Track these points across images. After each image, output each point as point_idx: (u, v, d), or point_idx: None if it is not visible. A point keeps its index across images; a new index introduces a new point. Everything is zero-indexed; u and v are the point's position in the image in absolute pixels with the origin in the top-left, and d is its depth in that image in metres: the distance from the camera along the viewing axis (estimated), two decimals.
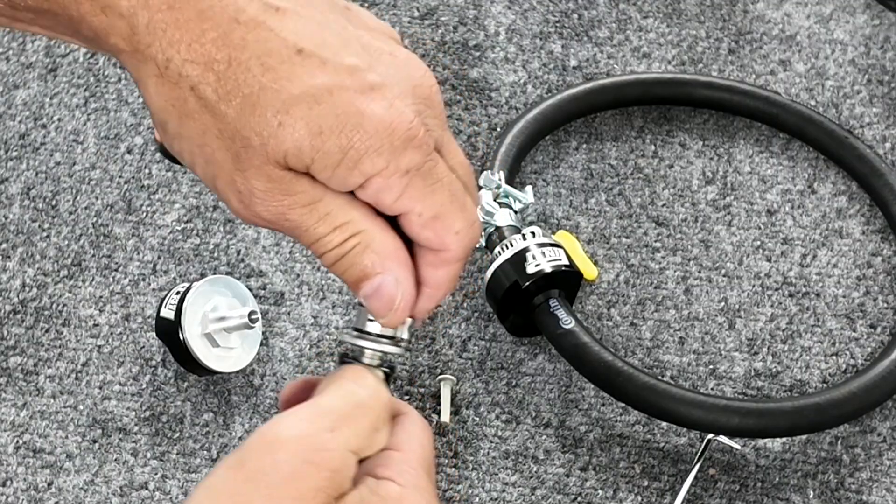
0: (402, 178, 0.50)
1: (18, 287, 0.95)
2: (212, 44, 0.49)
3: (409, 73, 0.52)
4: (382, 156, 0.49)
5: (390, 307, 0.52)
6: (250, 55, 0.49)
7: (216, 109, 0.49)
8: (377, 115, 0.49)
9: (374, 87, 0.50)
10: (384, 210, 0.52)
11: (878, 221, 1.05)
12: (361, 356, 0.54)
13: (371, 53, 0.51)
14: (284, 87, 0.49)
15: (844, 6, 1.21)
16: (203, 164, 0.51)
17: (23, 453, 0.87)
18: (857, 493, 0.89)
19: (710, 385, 0.95)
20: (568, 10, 1.18)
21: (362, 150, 0.49)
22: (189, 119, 0.50)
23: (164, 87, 0.50)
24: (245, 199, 0.51)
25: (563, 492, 0.88)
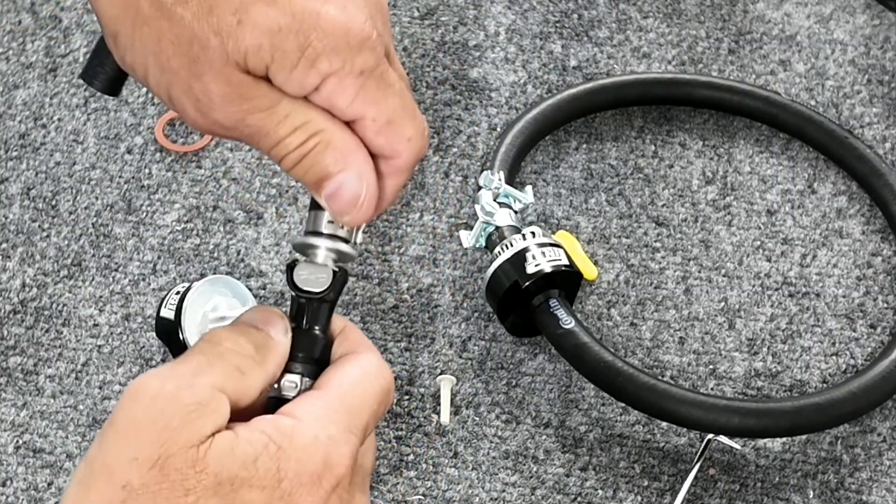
0: (356, 79, 0.50)
1: (18, 287, 0.95)
2: None
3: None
4: (339, 55, 0.50)
5: (354, 204, 0.53)
6: None
7: (172, 13, 0.49)
8: (332, 16, 0.50)
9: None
10: (339, 114, 0.51)
11: (878, 221, 1.05)
12: (315, 256, 0.54)
13: None
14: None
15: (844, 6, 1.21)
16: (157, 74, 0.51)
17: (23, 453, 0.87)
18: (857, 493, 0.89)
19: (710, 385, 0.95)
20: (568, 10, 1.18)
21: (319, 49, 0.49)
22: (143, 26, 0.50)
23: (148, 27, 0.50)
24: (203, 106, 0.50)
25: (563, 492, 0.88)
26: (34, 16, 1.13)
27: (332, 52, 0.50)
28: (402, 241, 1.00)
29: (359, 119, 0.52)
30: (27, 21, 1.13)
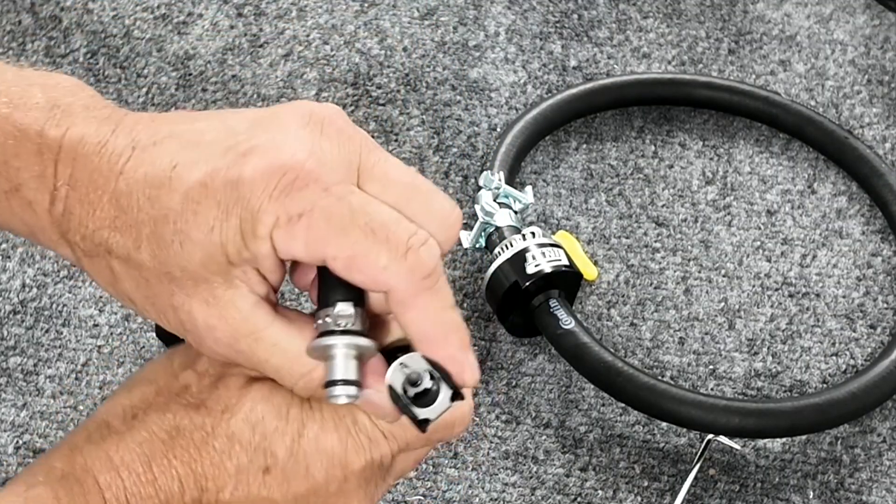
0: (298, 224, 0.47)
1: (18, 287, 0.95)
2: (108, 203, 0.49)
3: (294, 111, 0.50)
4: (270, 209, 0.47)
5: (386, 412, 0.50)
6: (138, 195, 0.49)
7: (134, 261, 0.50)
8: (249, 175, 0.47)
9: (247, 152, 0.48)
10: (310, 262, 0.49)
11: (877, 222, 1.05)
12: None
13: (251, 126, 0.49)
14: (168, 207, 0.48)
15: (844, 6, 1.21)
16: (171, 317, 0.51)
17: (23, 453, 0.87)
18: (857, 493, 0.89)
19: (709, 385, 0.95)
20: (568, 10, 1.18)
21: (253, 212, 0.47)
22: (122, 283, 0.51)
23: (93, 264, 0.51)
24: (196, 337, 0.50)
25: (562, 492, 0.88)
26: (34, 16, 1.13)
27: (263, 211, 0.47)
28: None
29: (326, 261, 0.48)
30: (27, 21, 1.13)
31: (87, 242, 0.50)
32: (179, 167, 0.48)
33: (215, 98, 1.09)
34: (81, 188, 0.50)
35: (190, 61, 1.11)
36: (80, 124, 0.50)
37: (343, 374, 0.48)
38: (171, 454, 0.50)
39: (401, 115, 1.09)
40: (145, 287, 0.50)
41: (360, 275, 0.48)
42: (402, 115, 1.09)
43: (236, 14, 1.16)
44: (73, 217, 0.50)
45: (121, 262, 0.50)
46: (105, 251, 0.50)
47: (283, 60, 1.12)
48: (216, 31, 1.14)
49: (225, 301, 0.49)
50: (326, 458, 0.50)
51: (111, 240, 0.50)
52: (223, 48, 1.13)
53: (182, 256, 0.49)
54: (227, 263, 0.49)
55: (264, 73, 1.11)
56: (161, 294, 0.50)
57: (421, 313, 0.49)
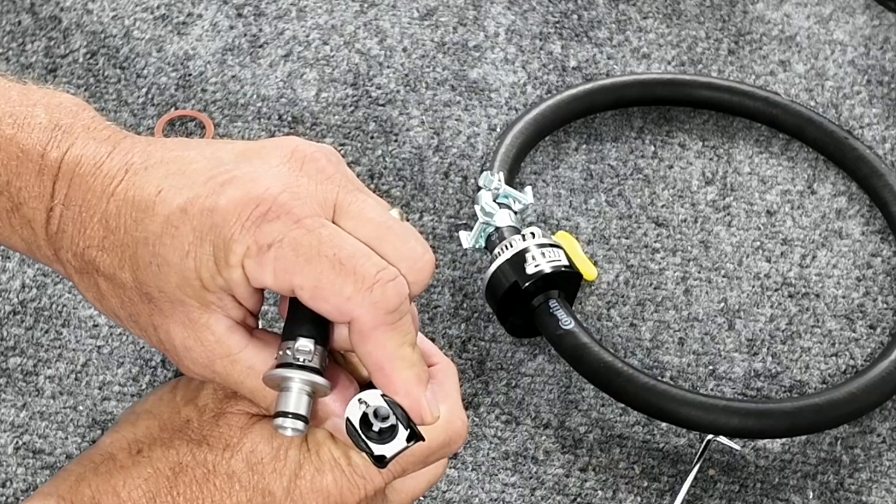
0: (267, 254, 0.48)
1: (18, 287, 0.95)
2: (98, 224, 0.51)
3: (279, 147, 0.51)
4: (242, 238, 0.48)
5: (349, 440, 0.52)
6: (125, 216, 0.51)
7: (118, 280, 0.52)
8: (223, 205, 0.49)
9: (226, 182, 0.50)
10: (280, 291, 0.50)
11: (877, 222, 1.05)
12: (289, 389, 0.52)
13: (236, 158, 0.51)
14: (149, 230, 0.50)
15: (844, 7, 1.21)
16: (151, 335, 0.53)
17: (22, 454, 0.87)
18: (857, 493, 0.89)
19: (709, 386, 0.95)
20: (568, 10, 1.18)
21: (226, 241, 0.49)
22: (108, 300, 0.53)
23: (82, 281, 0.53)
24: (175, 357, 0.52)
25: (562, 492, 0.88)
26: (34, 16, 1.13)
27: (234, 240, 0.49)
28: None
29: (294, 290, 0.49)
30: (27, 21, 1.13)
31: (77, 260, 0.52)
32: (164, 192, 0.50)
33: (215, 98, 1.09)
34: (75, 208, 0.51)
35: (190, 61, 1.11)
36: (79, 145, 0.52)
37: (294, 407, 0.50)
38: (174, 491, 0.51)
39: (400, 115, 1.09)
40: (129, 305, 0.52)
41: (324, 304, 0.49)
42: (401, 116, 1.09)
43: (236, 14, 1.16)
44: (66, 235, 0.52)
45: (106, 281, 0.52)
46: (93, 269, 0.52)
47: (283, 61, 1.12)
48: (216, 32, 1.14)
49: (200, 324, 0.51)
50: (322, 498, 0.52)
51: (98, 259, 0.51)
52: (223, 48, 1.13)
53: (160, 279, 0.50)
54: (201, 288, 0.50)
55: (264, 74, 1.11)
56: (142, 313, 0.52)
57: (378, 346, 0.50)
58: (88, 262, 0.52)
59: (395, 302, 0.49)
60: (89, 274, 0.52)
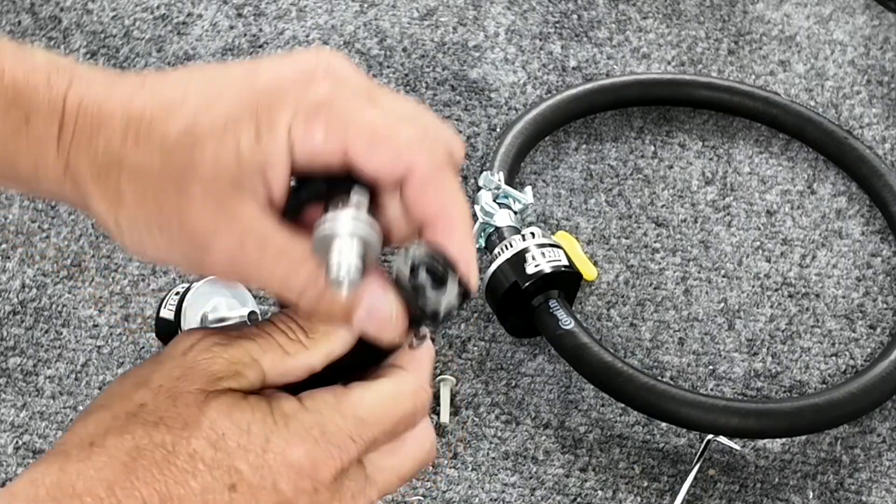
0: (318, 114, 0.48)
1: (18, 287, 0.95)
2: (120, 121, 0.50)
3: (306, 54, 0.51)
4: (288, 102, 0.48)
5: (389, 322, 0.50)
6: (152, 109, 0.49)
7: (145, 169, 0.50)
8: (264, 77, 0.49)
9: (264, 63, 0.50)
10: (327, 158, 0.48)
11: (877, 222, 1.05)
12: None
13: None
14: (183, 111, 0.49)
15: (844, 7, 1.21)
16: (175, 231, 0.50)
17: (22, 454, 0.87)
18: (857, 493, 0.89)
19: (709, 386, 0.95)
20: (567, 10, 1.18)
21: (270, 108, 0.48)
22: (127, 203, 0.50)
23: (98, 186, 0.51)
24: (199, 249, 0.50)
25: (562, 492, 0.88)
26: (34, 16, 1.13)
27: (282, 103, 0.48)
28: None
29: (345, 146, 0.48)
30: (27, 21, 1.13)
31: (94, 164, 0.50)
32: (194, 84, 0.49)
33: None
34: (92, 111, 0.50)
35: (190, 61, 1.11)
36: (89, 70, 0.51)
37: (348, 254, 0.47)
38: (133, 476, 0.49)
39: None
40: (152, 201, 0.50)
41: (382, 154, 0.48)
42: None
43: (236, 14, 1.16)
44: (82, 140, 0.50)
45: (130, 177, 0.50)
46: (116, 167, 0.50)
47: None
48: (216, 32, 1.14)
49: (232, 206, 0.49)
50: (294, 472, 0.49)
51: (122, 152, 0.49)
52: (223, 48, 1.13)
53: (194, 158, 0.48)
54: (237, 166, 0.48)
55: None
56: (165, 206, 0.49)
57: (440, 192, 0.48)
58: (111, 160, 0.49)
59: (453, 148, 0.49)
60: (109, 175, 0.50)
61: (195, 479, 0.49)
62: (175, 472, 0.49)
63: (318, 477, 0.50)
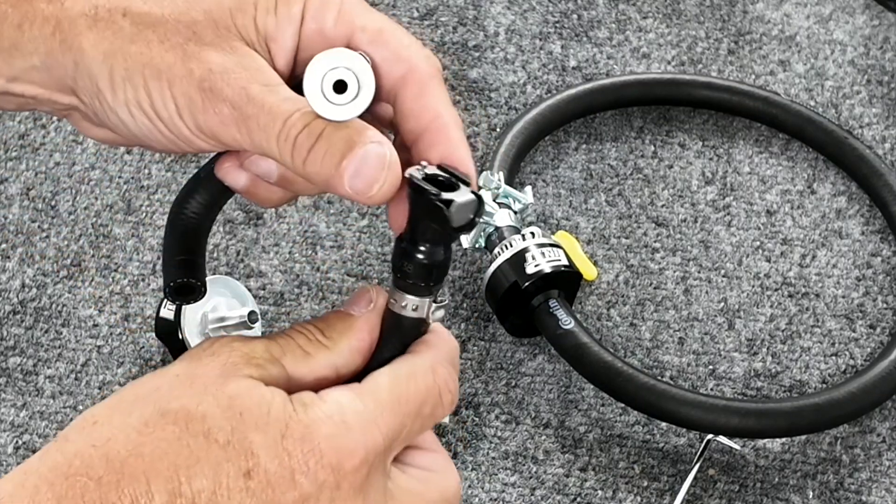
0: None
1: (18, 287, 0.95)
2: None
3: None
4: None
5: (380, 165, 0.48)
6: None
7: (153, 17, 0.48)
8: None
9: None
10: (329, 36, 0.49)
11: (877, 222, 1.05)
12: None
13: None
14: None
15: (844, 7, 1.21)
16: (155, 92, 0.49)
17: (22, 454, 0.87)
18: (857, 493, 0.89)
19: (709, 385, 0.95)
20: (567, 10, 1.18)
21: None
22: (130, 45, 0.48)
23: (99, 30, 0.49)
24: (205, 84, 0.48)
25: (562, 492, 0.88)
26: None
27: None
28: None
29: (350, 34, 0.49)
30: None
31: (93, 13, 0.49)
32: None
33: None
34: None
35: None
36: None
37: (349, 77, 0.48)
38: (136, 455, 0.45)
39: None
40: (157, 44, 0.48)
41: (385, 49, 0.49)
42: None
43: None
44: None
45: (134, 20, 0.49)
46: (119, 13, 0.48)
47: None
48: None
49: (243, 52, 0.48)
50: (314, 460, 0.46)
51: (130, 2, 0.49)
52: None
53: (214, 3, 0.48)
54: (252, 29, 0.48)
55: None
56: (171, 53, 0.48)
57: (435, 98, 0.49)
58: (114, 6, 0.48)
59: (439, 64, 0.50)
60: (112, 20, 0.48)
61: (208, 461, 0.45)
62: (187, 453, 0.45)
63: (340, 468, 0.46)
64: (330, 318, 0.52)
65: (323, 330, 0.51)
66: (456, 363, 0.53)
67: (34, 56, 0.50)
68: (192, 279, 0.55)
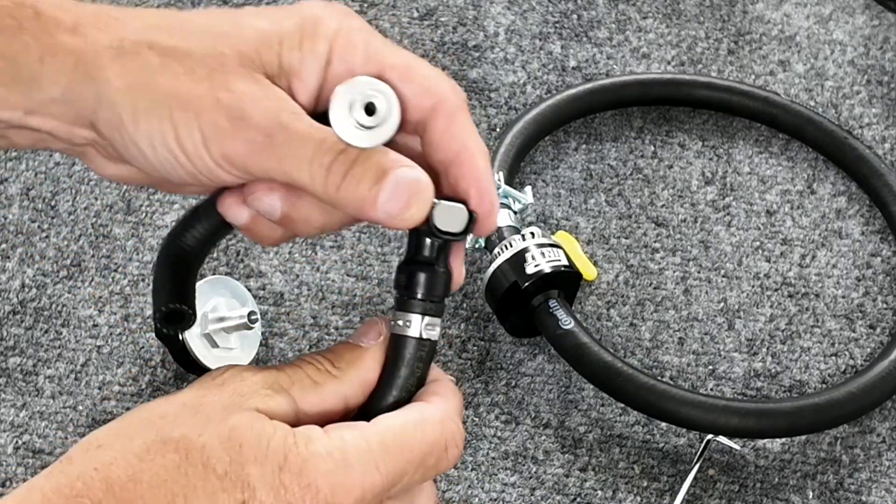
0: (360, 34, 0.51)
1: (18, 287, 0.95)
2: (155, 14, 0.50)
3: None
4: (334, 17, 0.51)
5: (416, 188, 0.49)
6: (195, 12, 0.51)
7: (180, 51, 0.49)
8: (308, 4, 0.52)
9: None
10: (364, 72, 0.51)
11: (877, 222, 1.05)
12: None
13: None
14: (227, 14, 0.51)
15: (844, 7, 1.21)
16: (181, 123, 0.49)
17: (22, 454, 0.87)
18: (857, 493, 0.90)
19: (709, 385, 0.95)
20: (567, 10, 1.18)
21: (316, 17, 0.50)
22: (156, 76, 0.49)
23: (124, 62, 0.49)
24: (234, 112, 0.48)
25: (562, 492, 0.88)
26: None
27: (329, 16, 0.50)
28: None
29: (379, 72, 0.49)
30: None
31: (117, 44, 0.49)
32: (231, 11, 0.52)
33: None
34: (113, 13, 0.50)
35: None
36: None
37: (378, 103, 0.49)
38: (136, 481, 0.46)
39: None
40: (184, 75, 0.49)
41: (414, 83, 0.50)
42: None
43: None
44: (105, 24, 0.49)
45: (160, 55, 0.49)
46: (144, 46, 0.49)
47: None
48: None
49: (266, 84, 0.49)
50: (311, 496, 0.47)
51: (157, 36, 0.49)
52: None
53: (239, 39, 0.49)
54: (276, 62, 0.49)
55: None
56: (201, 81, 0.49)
57: (463, 127, 0.50)
58: (139, 40, 0.49)
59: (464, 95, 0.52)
60: (138, 53, 0.49)
61: (205, 490, 0.46)
62: (184, 481, 0.46)
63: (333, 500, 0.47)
64: (339, 348, 0.52)
65: (332, 360, 0.52)
66: (462, 417, 0.53)
67: (54, 88, 0.50)
68: (182, 305, 0.55)
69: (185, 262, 0.56)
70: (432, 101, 0.50)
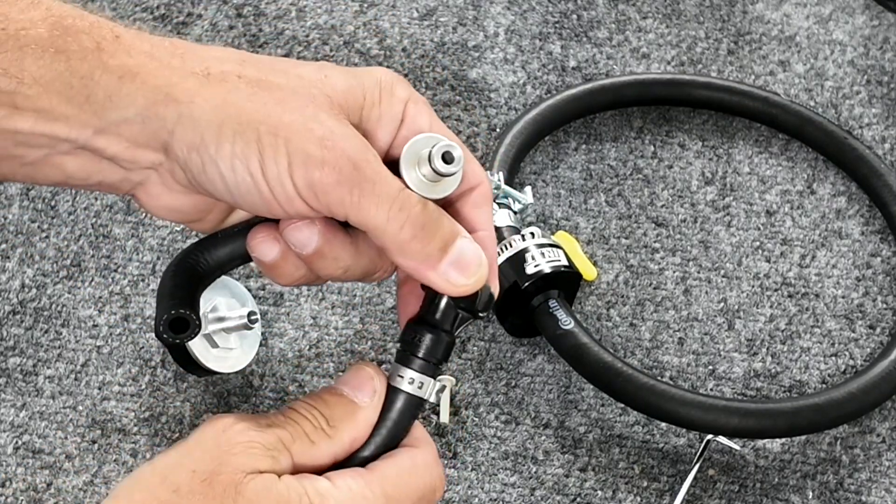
0: (423, 105, 0.54)
1: (18, 287, 0.95)
2: (205, 54, 0.51)
3: None
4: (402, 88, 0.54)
5: (479, 262, 0.52)
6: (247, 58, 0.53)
7: (269, 83, 0.50)
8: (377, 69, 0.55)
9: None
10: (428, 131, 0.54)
11: (877, 222, 1.05)
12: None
13: None
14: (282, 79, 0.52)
15: (843, 7, 1.21)
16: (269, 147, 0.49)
17: (22, 454, 0.87)
18: (857, 493, 0.90)
19: (709, 386, 0.95)
20: (567, 10, 1.18)
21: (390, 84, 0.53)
22: (246, 102, 0.49)
23: (211, 86, 0.50)
24: (328, 143, 0.49)
25: (562, 492, 0.88)
26: None
27: (400, 86, 0.53)
28: None
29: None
30: None
31: (207, 70, 0.50)
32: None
33: None
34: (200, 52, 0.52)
35: None
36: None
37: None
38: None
39: None
40: (274, 107, 0.50)
41: (468, 162, 0.54)
42: None
43: (236, 14, 1.16)
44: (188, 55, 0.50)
45: (249, 84, 0.50)
46: (234, 76, 0.50)
47: None
48: (216, 32, 1.14)
49: (355, 129, 0.51)
50: None
51: (242, 69, 0.51)
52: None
53: (325, 85, 0.51)
54: (359, 115, 0.52)
55: None
56: (289, 113, 0.50)
57: (489, 216, 0.55)
58: (224, 71, 0.50)
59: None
60: (222, 80, 0.50)
61: None
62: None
63: None
64: (332, 402, 0.54)
65: (328, 418, 0.53)
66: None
67: (130, 108, 0.50)
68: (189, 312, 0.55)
69: (196, 278, 0.56)
70: (475, 181, 0.54)
